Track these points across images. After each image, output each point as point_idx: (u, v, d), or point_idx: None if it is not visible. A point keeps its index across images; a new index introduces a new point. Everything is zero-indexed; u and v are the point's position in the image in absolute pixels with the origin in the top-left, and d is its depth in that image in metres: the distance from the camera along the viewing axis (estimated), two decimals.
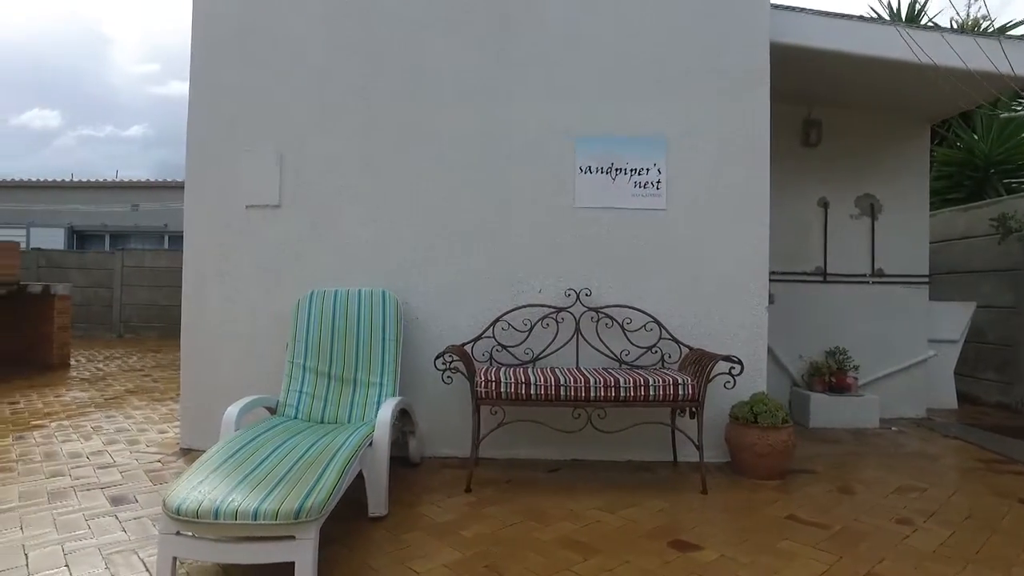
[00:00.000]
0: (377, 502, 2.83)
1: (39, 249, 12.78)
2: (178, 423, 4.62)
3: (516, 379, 3.21)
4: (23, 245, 15.46)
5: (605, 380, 3.23)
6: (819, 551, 2.57)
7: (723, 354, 3.38)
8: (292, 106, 3.91)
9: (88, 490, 3.15)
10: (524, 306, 3.82)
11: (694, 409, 3.29)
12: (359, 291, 3.66)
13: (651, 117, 3.91)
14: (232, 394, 3.80)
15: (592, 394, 3.21)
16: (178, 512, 2.14)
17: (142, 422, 4.68)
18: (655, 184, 3.93)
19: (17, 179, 16.75)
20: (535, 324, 3.81)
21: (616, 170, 3.95)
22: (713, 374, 3.31)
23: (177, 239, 15.68)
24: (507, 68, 3.90)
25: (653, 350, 3.81)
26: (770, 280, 3.99)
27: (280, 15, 3.94)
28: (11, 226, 15.81)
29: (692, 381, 3.25)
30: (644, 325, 3.82)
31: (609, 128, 3.92)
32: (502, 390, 3.20)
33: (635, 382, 3.22)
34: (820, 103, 5.22)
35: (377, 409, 3.34)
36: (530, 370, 3.45)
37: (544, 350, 3.79)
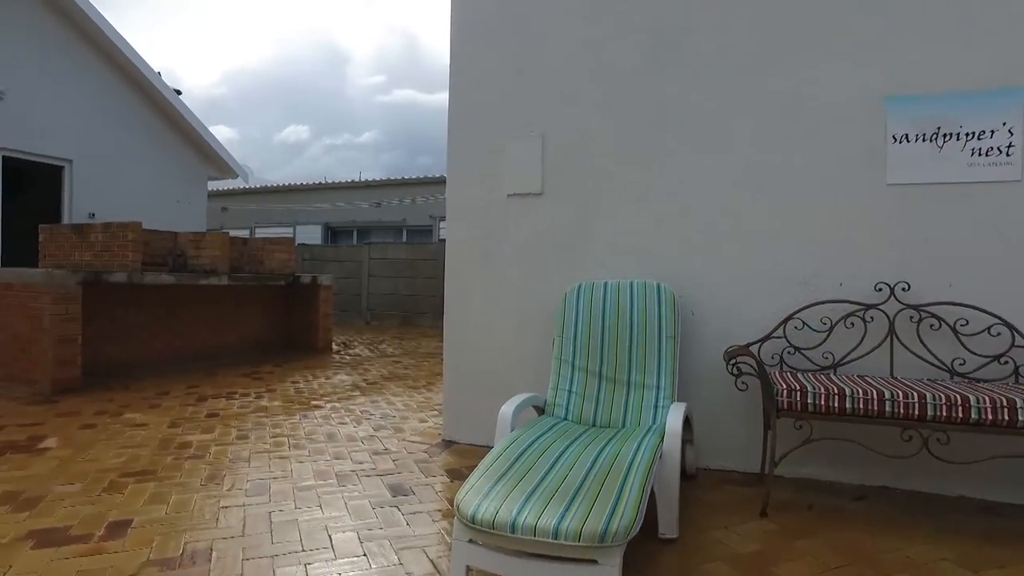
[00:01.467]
0: (668, 522, 2.54)
1: (303, 244, 14.65)
2: (435, 412, 4.80)
3: (827, 389, 2.70)
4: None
5: (948, 396, 2.59)
6: None
7: None
8: (553, 91, 3.76)
9: (368, 476, 3.29)
10: (822, 302, 3.26)
11: None
12: (631, 284, 3.39)
13: (995, 62, 3.10)
14: (495, 389, 3.79)
15: (930, 413, 2.59)
16: (473, 520, 2.04)
17: (403, 409, 4.94)
18: (1004, 149, 3.11)
19: (284, 183, 19.53)
20: (836, 323, 3.24)
21: (944, 135, 3.20)
22: None
23: (414, 232, 17.06)
24: (794, 24, 3.35)
25: (1002, 360, 3.02)
26: None
27: None
28: (282, 224, 18.47)
29: None
30: (987, 328, 3.04)
31: (933, 83, 3.18)
32: (809, 401, 2.71)
33: (995, 402, 2.53)
34: None
35: (655, 413, 3.06)
36: (839, 379, 2.91)
37: (847, 355, 3.21)
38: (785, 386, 2.78)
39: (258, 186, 19.77)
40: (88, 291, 5.81)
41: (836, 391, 2.69)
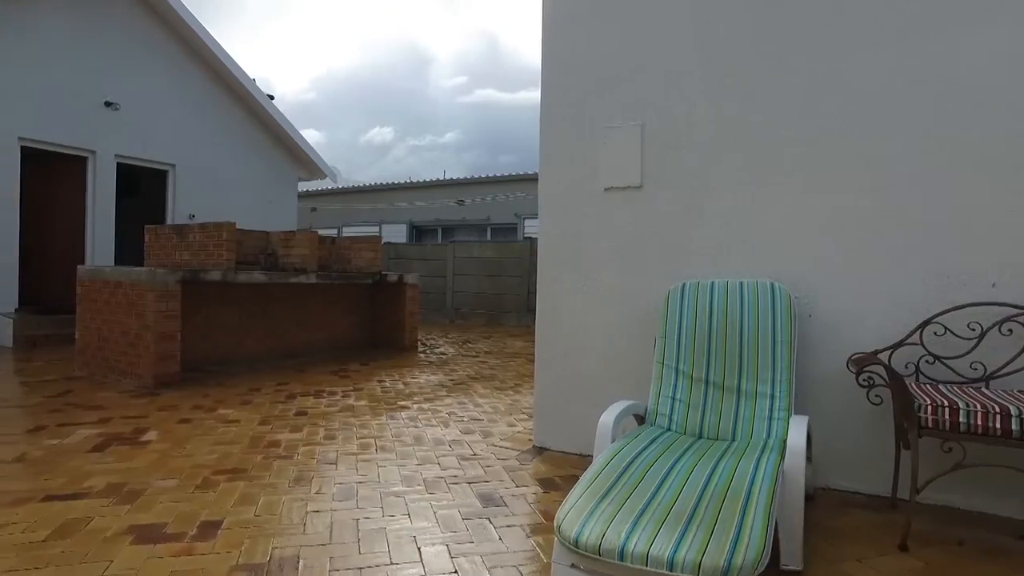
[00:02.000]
0: (791, 552, 2.25)
1: (389, 243, 14.91)
2: (524, 416, 4.64)
3: (985, 406, 2.33)
4: None
5: None
6: None
7: None
8: (655, 74, 3.51)
9: (457, 483, 3.16)
10: (970, 304, 2.85)
11: None
12: (741, 283, 3.10)
13: None
14: (589, 393, 3.59)
15: None
16: (576, 543, 1.86)
17: (490, 412, 4.81)
18: None
19: (370, 183, 20.02)
20: (988, 330, 2.82)
21: None
22: None
23: (499, 231, 17.05)
24: None
25: None
26: None
27: None
28: (369, 223, 18.93)
29: None
30: None
31: None
32: (961, 420, 2.35)
33: None
34: None
35: (769, 426, 2.77)
36: (995, 393, 2.53)
37: (1004, 367, 2.79)
38: (929, 401, 2.42)
39: (345, 186, 20.35)
40: (186, 289, 6.03)
41: (997, 409, 2.31)
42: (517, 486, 3.15)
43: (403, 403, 5.05)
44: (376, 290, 8.47)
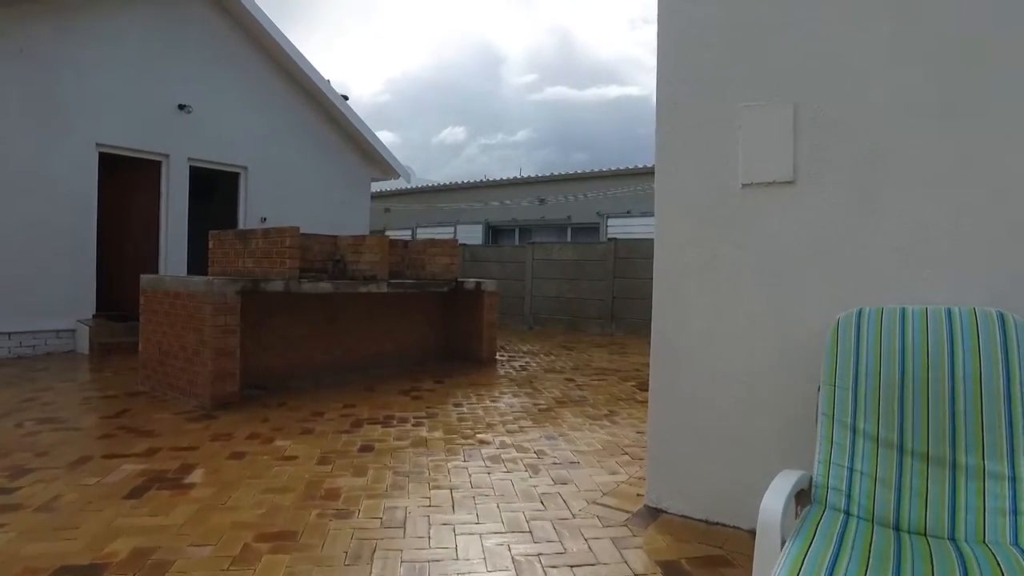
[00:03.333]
0: None
1: (465, 245, 14.43)
2: (626, 456, 3.93)
3: None
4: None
5: None
6: None
7: None
8: (809, 38, 2.72)
9: (556, 568, 2.49)
10: None
11: None
12: (948, 311, 2.28)
13: None
14: (723, 448, 2.84)
15: None
16: None
17: (585, 451, 4.12)
18: None
19: (445, 182, 19.68)
20: None
21: None
22: None
23: (579, 231, 16.30)
24: None
25: None
26: None
27: None
28: (443, 224, 18.58)
29: None
30: None
31: None
32: None
33: None
34: None
35: (1015, 523, 1.95)
36: None
37: None
38: None
39: (419, 186, 20.08)
40: (248, 300, 5.64)
41: None
42: (634, 574, 2.45)
43: (483, 436, 4.43)
44: (452, 298, 7.92)
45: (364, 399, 5.54)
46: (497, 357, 8.12)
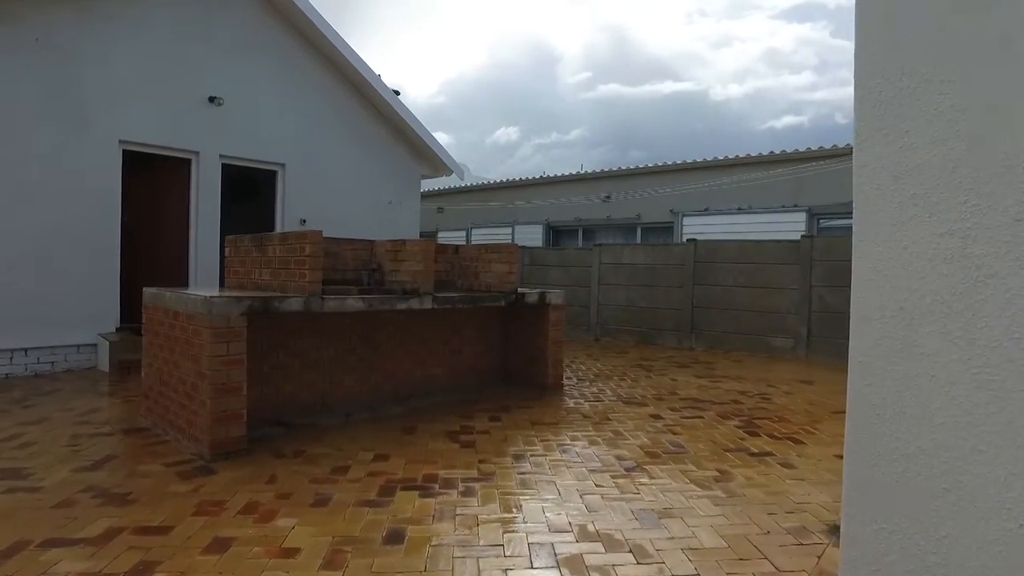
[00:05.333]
0: None
1: (524, 247, 13.31)
2: (758, 557, 2.69)
3: None
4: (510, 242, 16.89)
5: None
6: None
7: None
8: None
9: None
10: None
11: None
12: None
13: None
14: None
15: None
16: None
17: (702, 550, 2.90)
18: None
19: (501, 180, 18.60)
20: None
21: None
22: None
23: (650, 231, 14.95)
24: None
25: None
26: None
27: None
28: (499, 225, 17.49)
29: None
30: None
31: None
32: None
33: None
34: None
35: None
36: None
37: None
38: None
39: (473, 184, 19.06)
40: (262, 320, 4.65)
41: None
42: None
43: (553, 515, 3.27)
44: (511, 312, 6.80)
45: (401, 445, 4.46)
46: (563, 382, 6.93)
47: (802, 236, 10.04)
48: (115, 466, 3.95)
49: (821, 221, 12.47)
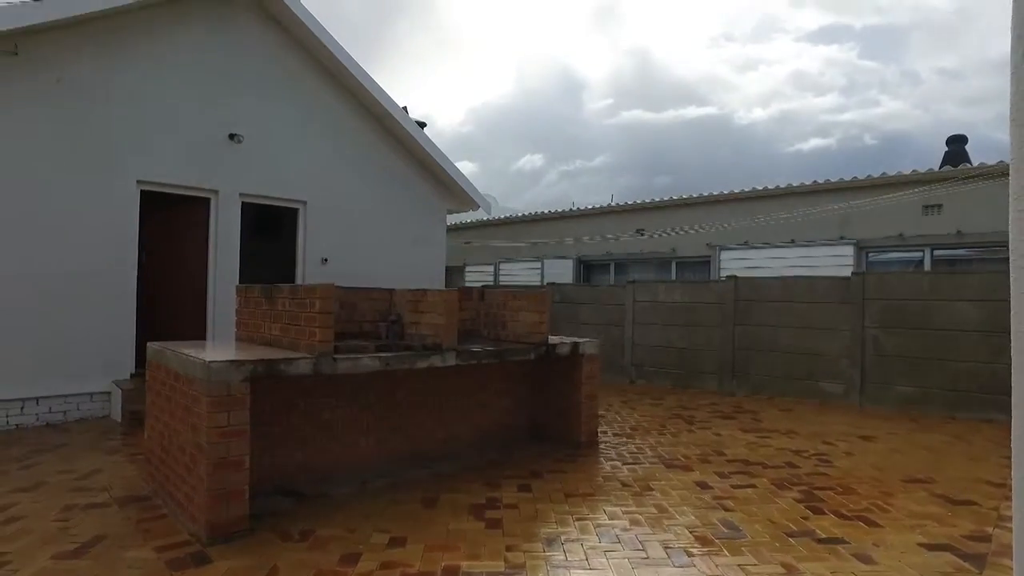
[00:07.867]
0: None
1: (554, 284, 12.87)
2: None
3: None
4: (538, 279, 16.42)
5: None
6: None
7: None
8: None
9: None
10: None
11: None
12: None
13: None
14: None
15: None
16: None
17: None
18: None
19: (529, 213, 18.22)
20: None
21: None
22: None
23: (685, 266, 14.41)
24: None
25: None
26: None
27: None
28: (529, 259, 17.10)
29: None
30: None
31: None
32: None
33: None
34: None
35: None
36: None
37: None
38: None
39: (499, 217, 18.72)
40: (265, 384, 4.29)
41: None
42: None
43: None
44: (541, 363, 6.35)
45: (420, 524, 4.02)
46: (598, 437, 6.43)
47: (853, 272, 9.45)
48: (101, 550, 3.57)
49: (870, 255, 11.83)
